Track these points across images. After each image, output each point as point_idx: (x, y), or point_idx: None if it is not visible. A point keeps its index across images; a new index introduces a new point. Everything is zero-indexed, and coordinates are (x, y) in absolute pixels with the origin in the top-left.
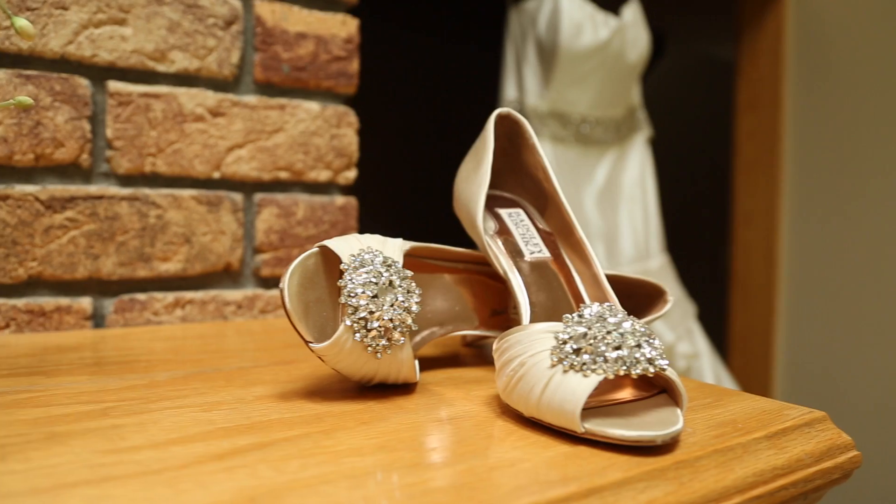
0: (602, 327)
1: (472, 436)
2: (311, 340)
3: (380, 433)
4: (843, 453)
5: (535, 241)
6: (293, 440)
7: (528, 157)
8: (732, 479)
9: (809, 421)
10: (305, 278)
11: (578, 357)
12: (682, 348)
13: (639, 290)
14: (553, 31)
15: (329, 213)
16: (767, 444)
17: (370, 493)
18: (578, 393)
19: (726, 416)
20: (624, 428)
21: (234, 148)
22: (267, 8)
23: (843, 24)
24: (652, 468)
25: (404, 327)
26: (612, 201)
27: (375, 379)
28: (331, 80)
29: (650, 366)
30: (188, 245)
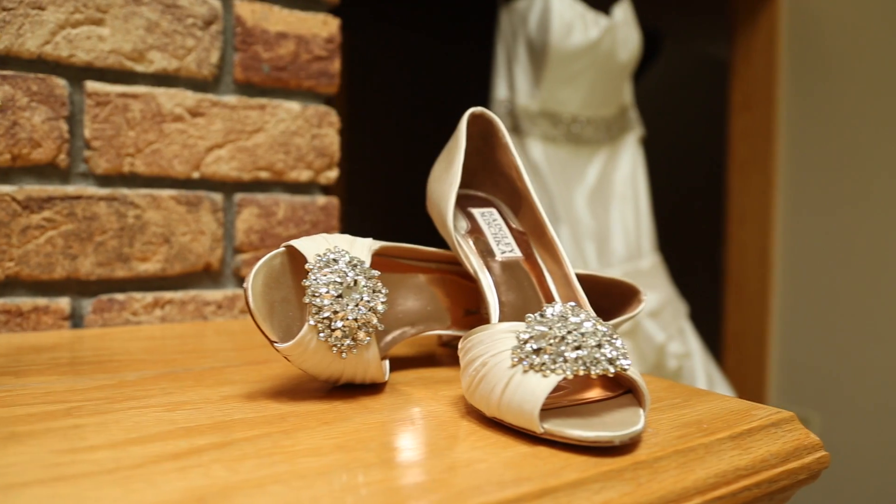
0: (563, 327)
1: (432, 436)
2: (276, 340)
3: (340, 433)
4: (811, 454)
5: (507, 240)
6: (252, 440)
7: (502, 157)
8: (693, 480)
9: (776, 421)
10: (271, 278)
11: (538, 357)
12: (673, 348)
13: (613, 290)
14: (543, 31)
15: (310, 213)
16: (731, 445)
17: (319, 494)
18: (537, 393)
19: (693, 416)
20: (583, 428)
21: (213, 148)
22: (247, 8)
23: (837, 23)
24: (609, 469)
25: (370, 327)
26: (604, 201)
27: (342, 379)
28: (312, 80)
29: (610, 366)
30: (167, 245)
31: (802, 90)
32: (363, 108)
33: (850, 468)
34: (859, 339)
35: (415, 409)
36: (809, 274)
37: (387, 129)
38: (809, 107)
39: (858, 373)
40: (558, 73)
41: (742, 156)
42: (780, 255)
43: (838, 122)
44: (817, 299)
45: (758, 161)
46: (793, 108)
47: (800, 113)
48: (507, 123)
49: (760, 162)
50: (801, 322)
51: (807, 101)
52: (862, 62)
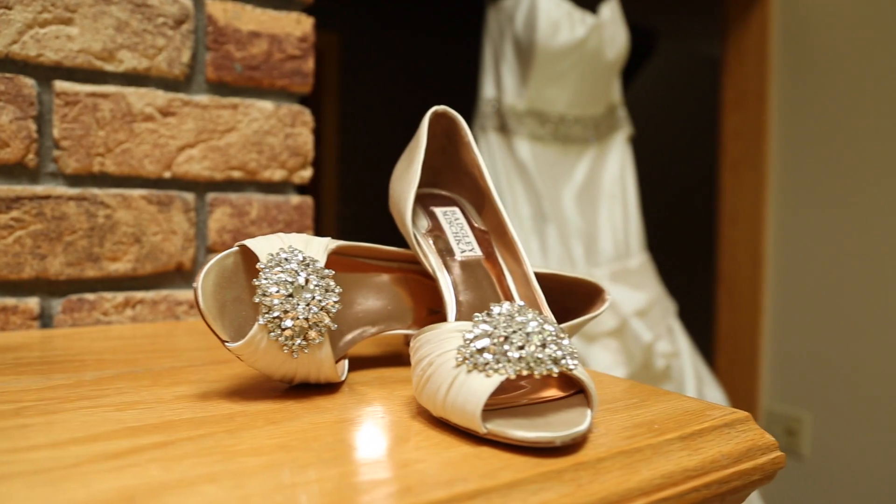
0: (508, 327)
1: (377, 436)
2: (228, 339)
3: (285, 433)
4: (765, 454)
5: (468, 239)
6: (195, 439)
7: (465, 155)
8: (637, 481)
9: (731, 421)
10: (223, 277)
11: (482, 357)
12: (661, 347)
13: (578, 289)
14: (530, 29)
15: (284, 212)
16: (681, 446)
17: (250, 493)
18: (479, 393)
19: (646, 417)
20: (525, 429)
21: (185, 147)
22: (219, 7)
23: (828, 21)
24: (548, 470)
25: (322, 327)
26: (592, 200)
27: (296, 378)
28: (285, 79)
29: (554, 366)
30: (138, 245)
31: (794, 89)
32: (356, 108)
33: (841, 467)
34: (852, 337)
35: (366, 408)
36: (802, 273)
37: (382, 129)
38: (801, 105)
39: (851, 372)
40: (545, 72)
41: (734, 154)
42: (773, 254)
43: (830, 121)
44: (810, 298)
45: (750, 159)
46: (785, 106)
47: (792, 111)
48: (495, 122)
49: (752, 160)
50: (793, 321)
51: (799, 100)
52: (853, 60)
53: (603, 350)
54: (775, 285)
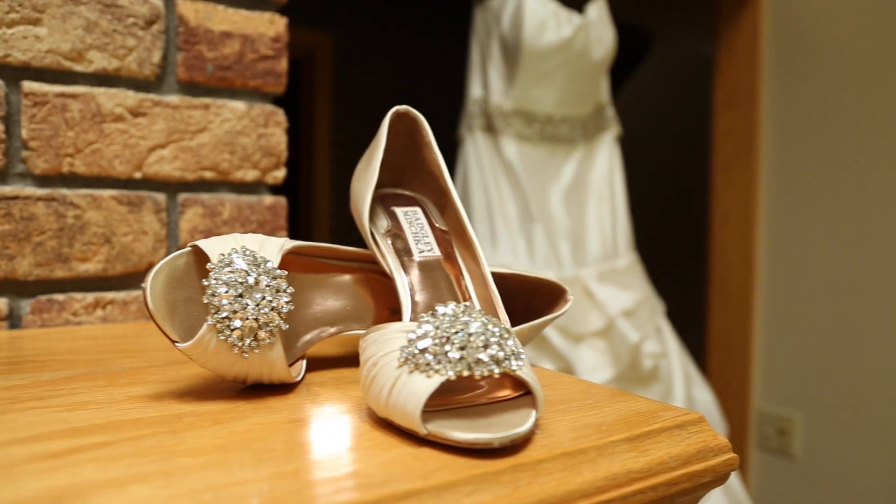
0: (451, 327)
1: (320, 437)
2: (178, 340)
3: (229, 433)
4: (717, 456)
5: (427, 239)
6: (137, 440)
7: (427, 155)
8: (579, 483)
9: (682, 423)
10: (174, 278)
11: (423, 357)
12: (648, 347)
13: (542, 289)
14: (516, 29)
15: (257, 212)
16: (627, 447)
17: (178, 492)
18: (419, 394)
19: (597, 418)
20: (465, 430)
21: (156, 148)
22: (190, 7)
23: (819, 20)
24: (485, 471)
25: (273, 327)
26: (580, 200)
27: (249, 379)
28: (258, 80)
29: (496, 366)
30: (108, 245)
31: (785, 88)
32: (349, 108)
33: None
34: (843, 337)
35: (317, 409)
36: (793, 273)
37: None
38: (792, 105)
39: (842, 372)
40: (532, 72)
41: (725, 154)
42: (764, 254)
43: (821, 120)
44: (801, 298)
45: (741, 159)
46: (776, 106)
47: (783, 111)
48: (482, 122)
49: (744, 160)
50: (785, 321)
51: (790, 99)
52: (844, 60)
53: (590, 350)
54: (767, 285)
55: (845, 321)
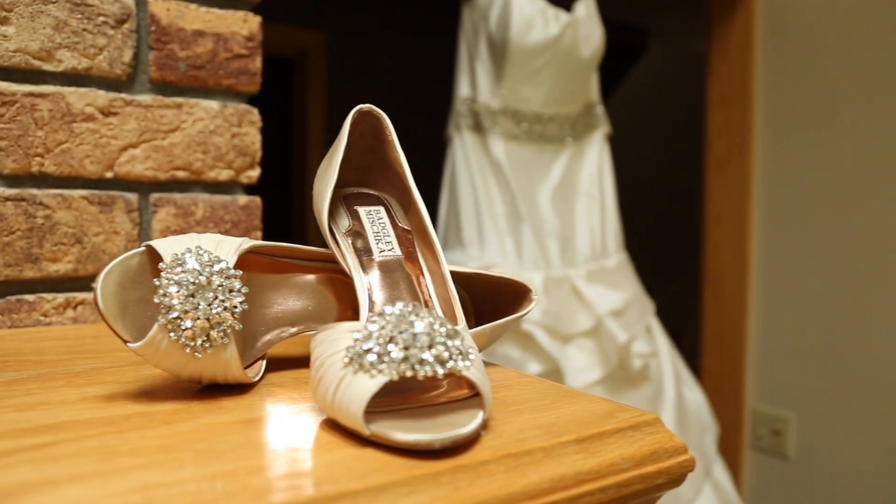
0: (396, 327)
1: (266, 438)
2: (129, 340)
3: (175, 433)
4: (672, 457)
5: (389, 239)
6: (81, 440)
7: (391, 154)
8: (522, 485)
9: (637, 424)
10: (126, 278)
11: (367, 357)
12: (637, 347)
13: (507, 289)
14: (504, 27)
15: (230, 212)
16: (577, 448)
17: (111, 492)
18: (363, 394)
19: (549, 418)
20: (407, 431)
21: (127, 147)
22: (162, 6)
23: (813, 18)
24: (425, 472)
25: (226, 327)
26: (569, 199)
27: (204, 379)
28: (231, 79)
29: (440, 367)
30: (79, 245)
31: (779, 86)
32: (342, 107)
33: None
34: (837, 338)
35: (270, 410)
36: (787, 273)
37: None
38: (786, 103)
39: (836, 373)
40: (519, 70)
41: (719, 153)
42: (758, 254)
43: (815, 118)
44: (795, 298)
45: (734, 158)
46: (769, 104)
47: (776, 109)
48: (470, 121)
49: (737, 159)
50: (778, 321)
51: (783, 98)
52: (838, 57)
53: (578, 351)
54: (761, 285)
55: (839, 321)
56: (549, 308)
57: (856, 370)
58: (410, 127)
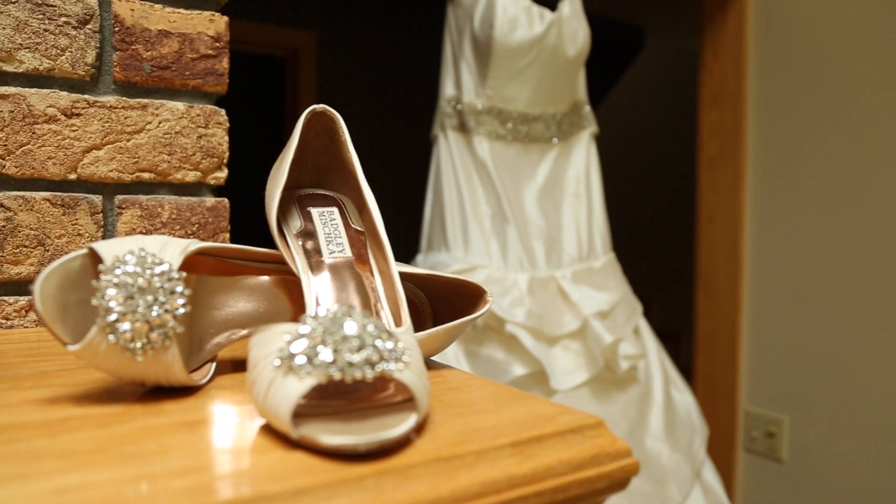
0: (327, 329)
1: (198, 440)
2: (69, 342)
3: (108, 436)
4: (614, 461)
5: (340, 240)
6: (11, 443)
7: (345, 155)
8: (451, 489)
9: (579, 427)
10: (68, 280)
11: (296, 359)
12: (624, 349)
13: (464, 291)
14: (488, 26)
15: (197, 214)
16: (511, 452)
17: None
18: (290, 397)
19: (490, 422)
20: (335, 434)
21: (91, 149)
22: (126, 6)
23: (806, 17)
24: (348, 476)
25: (166, 329)
26: (555, 199)
27: (147, 382)
28: (198, 79)
29: (369, 369)
30: (42, 248)
31: (772, 85)
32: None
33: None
34: (831, 340)
35: (210, 412)
36: (780, 273)
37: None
38: (778, 102)
39: (830, 375)
40: (504, 69)
41: (711, 152)
42: (751, 254)
43: (808, 118)
44: (788, 299)
45: (727, 157)
46: (762, 103)
47: (769, 108)
48: (455, 121)
49: (729, 158)
50: (771, 323)
51: (776, 96)
52: (831, 56)
53: (564, 352)
54: (753, 286)
55: (832, 322)
56: (534, 310)
57: (849, 372)
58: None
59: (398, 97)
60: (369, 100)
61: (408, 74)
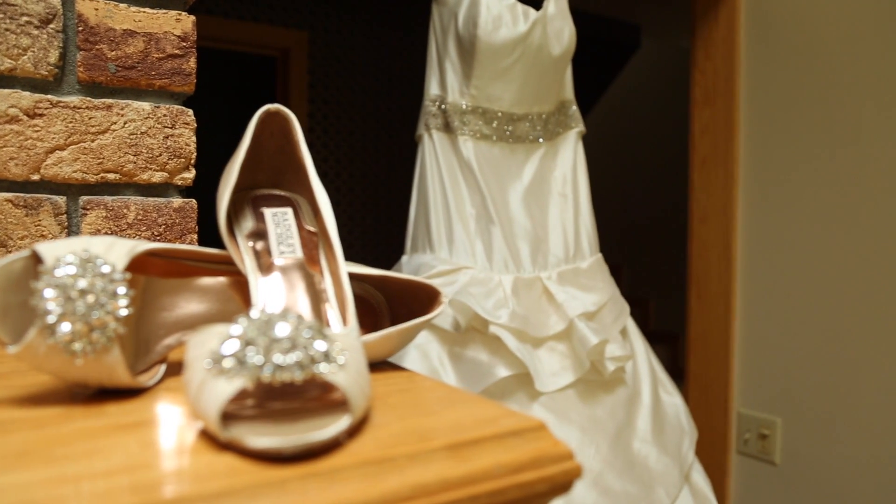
0: (258, 330)
1: (129, 442)
2: (10, 343)
3: (40, 439)
4: (555, 464)
5: (291, 241)
6: None
7: (299, 154)
8: (380, 492)
9: (519, 430)
10: (9, 282)
11: (225, 361)
12: (611, 351)
13: (420, 292)
14: (472, 25)
15: (164, 215)
16: (446, 454)
17: None
18: (219, 398)
19: (431, 424)
20: (262, 436)
21: (54, 149)
22: (89, 6)
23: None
24: (271, 479)
25: (108, 331)
26: (541, 200)
27: (90, 384)
28: (164, 79)
29: (299, 371)
30: (4, 249)
31: (763, 84)
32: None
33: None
34: (824, 341)
35: (150, 414)
36: (772, 275)
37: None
38: (771, 101)
39: (822, 377)
40: (488, 69)
41: (703, 151)
42: (743, 254)
43: (800, 117)
44: (781, 300)
45: (719, 156)
46: (754, 102)
47: (761, 107)
48: (439, 121)
49: (722, 157)
50: (764, 323)
51: (768, 95)
52: (823, 55)
53: (550, 354)
54: (746, 286)
55: (826, 324)
56: (519, 311)
57: (843, 374)
58: (392, 125)
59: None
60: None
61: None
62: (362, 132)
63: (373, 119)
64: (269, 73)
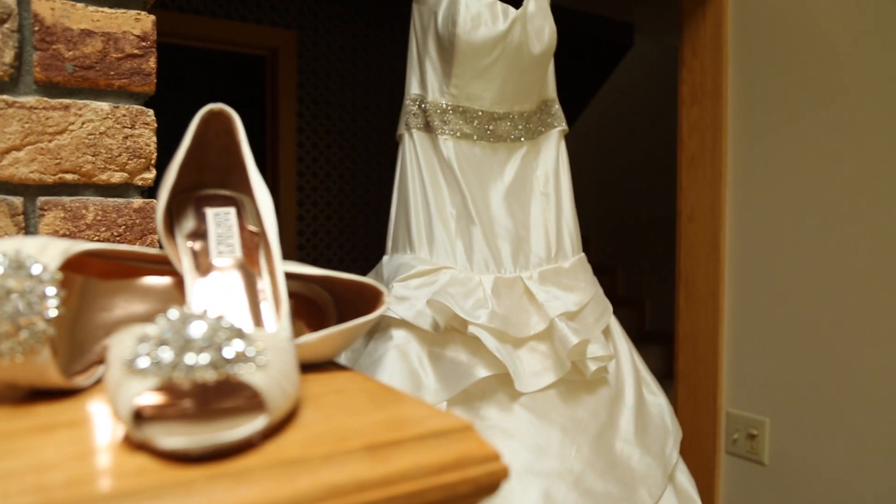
0: (173, 330)
1: (45, 445)
2: None
3: None
4: (479, 465)
5: (231, 241)
6: None
7: (241, 155)
8: (290, 492)
9: (444, 430)
10: None
11: (138, 360)
12: (592, 351)
13: (366, 292)
14: (451, 24)
15: (124, 215)
16: (363, 455)
17: None
18: (131, 398)
19: (357, 424)
20: (172, 436)
21: (10, 150)
22: (45, 5)
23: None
24: (177, 479)
25: (37, 332)
26: (523, 199)
27: (21, 385)
28: (123, 79)
29: (213, 371)
30: None
31: (751, 82)
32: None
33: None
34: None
35: (78, 414)
36: (760, 274)
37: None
38: (758, 99)
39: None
40: (468, 67)
41: (691, 150)
42: (731, 253)
43: (788, 115)
44: (769, 298)
45: (707, 155)
46: (741, 100)
47: (749, 106)
48: (420, 121)
49: (709, 156)
50: (752, 322)
51: (756, 94)
52: (811, 54)
53: (531, 354)
54: (734, 286)
55: (815, 324)
56: (498, 311)
57: (831, 374)
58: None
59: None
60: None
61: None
62: (351, 131)
63: (362, 118)
64: (258, 72)
